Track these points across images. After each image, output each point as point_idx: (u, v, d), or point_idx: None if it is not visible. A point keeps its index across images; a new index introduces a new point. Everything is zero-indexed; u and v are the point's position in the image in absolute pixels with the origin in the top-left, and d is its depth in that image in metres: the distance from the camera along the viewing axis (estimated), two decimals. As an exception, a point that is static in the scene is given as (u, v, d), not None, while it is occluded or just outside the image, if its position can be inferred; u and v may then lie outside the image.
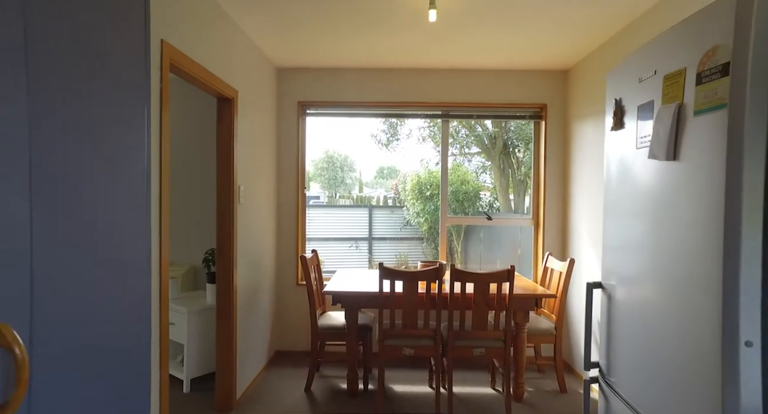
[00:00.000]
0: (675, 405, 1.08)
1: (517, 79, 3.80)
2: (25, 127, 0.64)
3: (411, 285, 2.78)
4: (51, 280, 0.69)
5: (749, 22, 0.88)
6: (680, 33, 1.08)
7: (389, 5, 2.53)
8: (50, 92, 0.70)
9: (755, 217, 0.89)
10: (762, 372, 0.88)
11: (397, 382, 3.30)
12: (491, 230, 5.34)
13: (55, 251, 0.70)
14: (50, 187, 0.70)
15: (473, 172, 5.91)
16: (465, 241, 5.90)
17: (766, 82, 0.88)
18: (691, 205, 1.03)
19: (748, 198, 0.89)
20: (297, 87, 3.86)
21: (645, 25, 2.57)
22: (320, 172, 6.16)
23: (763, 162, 0.89)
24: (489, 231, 5.44)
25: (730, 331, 0.90)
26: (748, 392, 0.89)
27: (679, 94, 1.08)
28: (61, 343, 0.71)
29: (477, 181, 5.81)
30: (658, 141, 1.13)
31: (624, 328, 1.36)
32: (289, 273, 3.91)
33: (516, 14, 2.64)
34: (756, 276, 0.89)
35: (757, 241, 0.89)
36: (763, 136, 0.88)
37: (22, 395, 0.60)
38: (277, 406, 2.90)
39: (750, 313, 0.89)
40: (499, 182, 5.69)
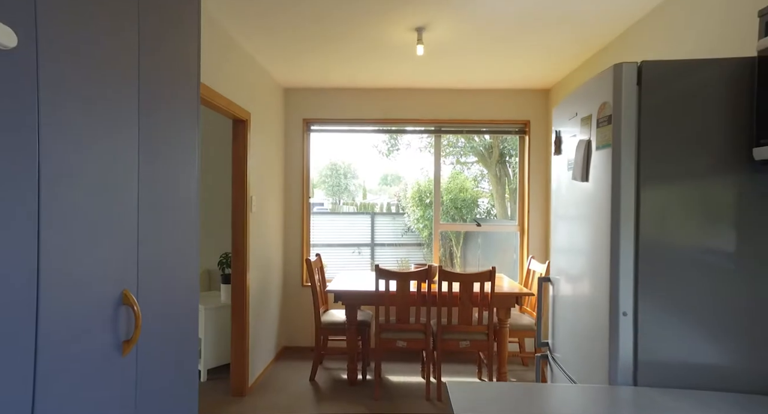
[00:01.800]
0: (586, 363, 1.44)
1: (502, 97, 4.18)
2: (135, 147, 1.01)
3: (404, 284, 3.14)
4: (147, 263, 1.06)
5: (620, 88, 1.24)
6: (589, 88, 1.45)
7: (381, 37, 2.92)
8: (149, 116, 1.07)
9: (629, 225, 1.25)
10: (633, 332, 1.24)
11: (393, 373, 3.65)
12: (488, 236, 5.67)
13: (149, 242, 1.07)
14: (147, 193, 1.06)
15: (473, 179, 6.20)
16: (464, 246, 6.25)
17: (632, 130, 1.24)
18: (595, 215, 1.39)
19: (625, 210, 1.25)
20: (302, 105, 4.25)
21: (614, 51, 2.94)
22: (324, 180, 6.34)
23: (633, 186, 1.25)
24: (486, 237, 5.78)
25: (613, 306, 1.26)
26: (624, 346, 1.24)
27: (588, 132, 1.44)
28: (153, 304, 1.08)
29: (477, 188, 6.12)
30: (576, 166, 1.50)
31: (562, 312, 1.72)
32: (295, 275, 4.28)
33: (497, 44, 3.02)
34: (629, 267, 1.25)
35: (630, 241, 1.25)
36: (633, 166, 1.25)
37: (138, 335, 0.97)
38: (285, 393, 3.25)
39: (626, 292, 1.25)
40: (496, 190, 6.01)
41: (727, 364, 1.21)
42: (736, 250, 1.21)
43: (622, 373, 1.24)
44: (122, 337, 0.97)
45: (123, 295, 0.97)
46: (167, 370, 1.16)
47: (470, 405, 1.04)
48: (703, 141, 1.22)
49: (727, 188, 1.20)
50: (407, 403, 3.10)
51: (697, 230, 1.22)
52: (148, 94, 1.07)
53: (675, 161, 1.23)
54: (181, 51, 1.24)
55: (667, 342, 1.23)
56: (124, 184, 0.98)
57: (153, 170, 1.10)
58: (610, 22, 2.62)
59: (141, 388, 1.05)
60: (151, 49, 1.09)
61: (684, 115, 1.23)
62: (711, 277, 1.22)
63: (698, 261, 1.23)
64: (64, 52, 0.79)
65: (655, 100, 1.24)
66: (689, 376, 1.22)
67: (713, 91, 1.21)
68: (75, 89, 0.83)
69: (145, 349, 1.06)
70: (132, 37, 1.01)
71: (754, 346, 1.21)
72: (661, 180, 1.24)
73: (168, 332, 1.16)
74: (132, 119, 1.01)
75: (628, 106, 1.24)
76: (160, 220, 1.13)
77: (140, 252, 1.04)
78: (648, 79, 1.24)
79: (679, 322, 1.23)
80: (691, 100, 1.22)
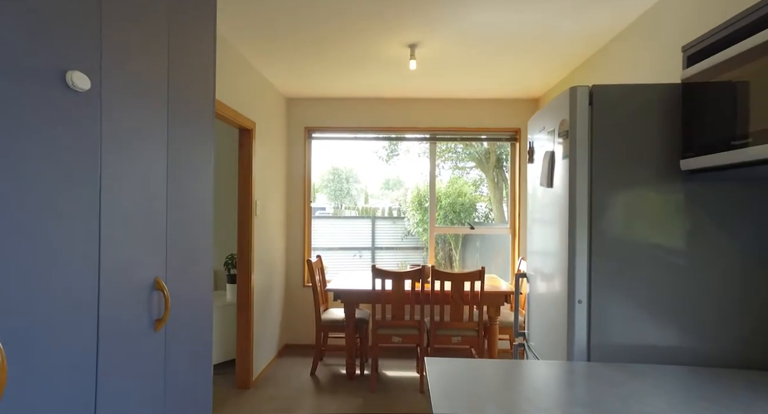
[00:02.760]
0: (551, 346, 1.64)
1: (494, 106, 4.40)
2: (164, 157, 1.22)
3: (399, 283, 3.35)
4: (173, 255, 1.27)
5: (575, 107, 1.46)
6: (553, 106, 1.66)
7: (377, 53, 3.14)
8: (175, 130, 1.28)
9: (583, 225, 1.46)
10: (586, 317, 1.44)
11: (389, 368, 3.85)
12: (486, 239, 5.86)
13: (175, 238, 1.28)
14: (173, 195, 1.27)
15: (472, 184, 6.37)
16: (463, 249, 6.45)
17: (585, 143, 1.45)
18: (559, 218, 1.60)
19: (581, 213, 1.46)
20: (304, 114, 4.48)
21: (595, 64, 3.16)
22: (326, 184, 6.45)
23: (587, 192, 1.46)
24: (483, 240, 5.98)
25: (571, 294, 1.47)
26: (579, 329, 1.44)
27: (552, 144, 1.66)
28: (177, 291, 1.29)
29: (476, 192, 6.30)
30: (543, 174, 1.71)
31: (536, 305, 1.92)
32: (297, 276, 4.49)
33: (485, 59, 3.24)
34: (584, 260, 1.46)
35: (585, 238, 1.46)
36: (586, 175, 1.46)
37: (167, 315, 1.18)
38: (287, 386, 3.46)
39: (581, 283, 1.45)
40: (493, 194, 6.20)
41: (665, 343, 1.42)
42: (671, 245, 1.42)
43: (577, 352, 1.45)
44: (155, 317, 1.18)
45: (155, 281, 1.19)
46: (188, 348, 1.37)
47: (442, 375, 1.25)
48: (643, 153, 1.43)
49: (662, 194, 1.41)
50: (402, 396, 3.30)
51: (639, 229, 1.43)
52: (174, 111, 1.29)
53: (621, 171, 1.44)
54: (200, 72, 1.46)
55: (614, 324, 1.43)
56: (156, 187, 1.20)
57: (177, 176, 1.31)
58: (586, 41, 2.84)
59: (168, 361, 1.26)
60: (177, 74, 1.31)
61: (628, 131, 1.44)
62: (651, 268, 1.43)
63: (641, 255, 1.43)
64: (117, 88, 1.01)
65: (603, 119, 1.45)
66: (633, 354, 1.43)
67: (651, 111, 1.42)
68: (125, 114, 1.04)
69: (171, 328, 1.27)
70: (163, 69, 1.23)
71: (688, 327, 1.41)
72: (610, 187, 1.45)
73: (189, 315, 1.37)
74: (162, 133, 1.23)
75: (582, 123, 1.46)
76: (183, 219, 1.34)
77: (168, 245, 1.25)
78: (598, 100, 1.45)
79: (624, 307, 1.43)
80: (633, 118, 1.43)
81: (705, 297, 1.41)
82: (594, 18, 2.52)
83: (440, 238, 6.34)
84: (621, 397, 1.11)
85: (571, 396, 1.12)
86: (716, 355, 1.40)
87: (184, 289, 1.34)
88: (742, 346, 1.39)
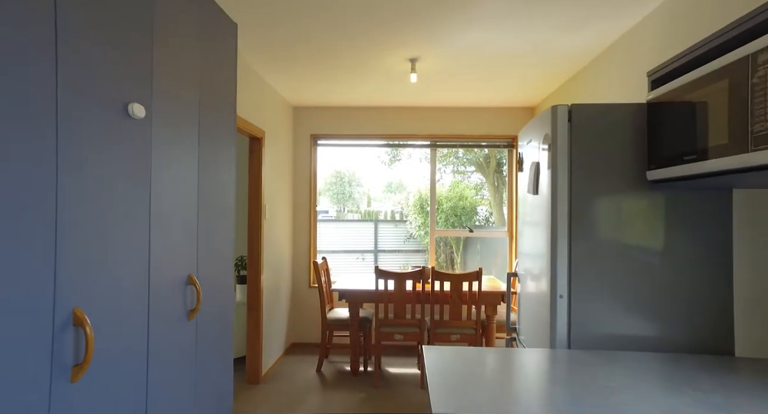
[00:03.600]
0: (537, 337, 1.82)
1: (491, 114, 4.59)
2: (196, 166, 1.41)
3: (401, 284, 3.53)
4: (203, 255, 1.46)
5: (556, 124, 1.64)
6: (537, 121, 1.85)
7: (379, 65, 3.34)
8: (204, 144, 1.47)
9: (564, 228, 1.64)
10: (567, 310, 1.63)
11: (391, 365, 4.03)
12: (486, 242, 6.02)
13: (204, 239, 1.47)
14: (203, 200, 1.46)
15: (474, 188, 6.51)
16: (464, 252, 6.62)
17: (565, 156, 1.64)
18: (544, 221, 1.78)
19: (561, 217, 1.65)
20: (310, 122, 4.68)
21: (586, 77, 3.35)
22: (329, 187, 6.53)
23: (567, 199, 1.64)
24: (484, 243, 6.14)
25: (553, 290, 1.65)
26: (560, 322, 1.63)
27: (537, 156, 1.84)
28: (207, 285, 1.48)
29: (477, 196, 6.44)
30: (529, 182, 1.90)
31: (525, 301, 2.10)
32: (303, 277, 4.68)
33: (481, 72, 3.43)
34: (565, 260, 1.64)
35: (565, 239, 1.64)
36: (566, 184, 1.64)
37: (200, 307, 1.37)
38: (294, 381, 3.64)
39: (562, 280, 1.64)
40: (494, 198, 6.36)
41: (634, 333, 1.60)
42: (641, 245, 1.60)
43: (559, 341, 1.63)
44: (189, 308, 1.37)
45: (189, 277, 1.37)
46: (214, 337, 1.56)
47: (438, 360, 1.43)
48: (616, 165, 1.62)
49: (632, 201, 1.60)
50: (404, 391, 3.48)
51: (612, 231, 1.61)
52: (203, 129, 1.48)
53: (597, 180, 1.63)
54: (224, 95, 1.65)
55: (591, 316, 1.61)
56: (189, 196, 1.39)
57: (206, 185, 1.50)
58: (573, 57, 3.03)
59: (198, 348, 1.45)
60: (206, 98, 1.50)
61: (602, 145, 1.62)
62: (623, 267, 1.61)
63: (615, 254, 1.62)
64: (162, 114, 1.21)
65: (581, 134, 1.64)
66: (607, 342, 1.61)
67: (622, 128, 1.61)
68: (169, 133, 1.24)
69: (201, 318, 1.46)
70: (196, 95, 1.42)
71: (654, 318, 1.59)
72: (587, 194, 1.63)
73: (214, 308, 1.56)
74: (195, 146, 1.42)
75: (562, 138, 1.64)
76: (210, 223, 1.53)
77: (198, 247, 1.44)
78: (576, 118, 1.64)
79: (600, 301, 1.61)
80: (607, 134, 1.62)
81: (668, 292, 1.59)
82: (579, 38, 2.71)
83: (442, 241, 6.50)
84: (591, 375, 1.29)
85: (549, 375, 1.30)
86: (677, 342, 1.58)
87: (210, 285, 1.53)
88: (698, 334, 1.57)
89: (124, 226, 1.04)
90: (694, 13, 1.96)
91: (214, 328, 1.55)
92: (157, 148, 1.18)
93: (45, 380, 0.81)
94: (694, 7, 1.97)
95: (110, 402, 0.99)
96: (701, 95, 1.23)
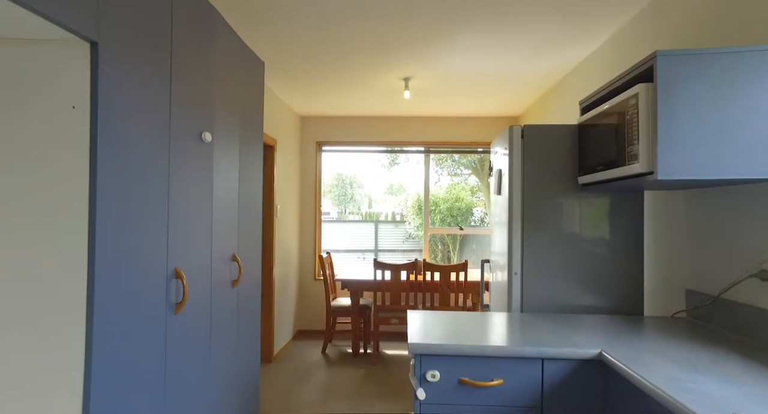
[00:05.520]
0: (499, 307, 2.30)
1: (479, 123, 5.07)
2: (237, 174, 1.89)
3: (396, 274, 4.01)
4: (242, 239, 1.94)
5: (513, 140, 2.13)
6: (500, 137, 2.32)
7: (378, 83, 3.83)
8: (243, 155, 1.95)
9: (518, 221, 2.12)
10: (520, 284, 2.10)
11: (388, 348, 4.51)
12: (480, 240, 6.48)
13: (242, 227, 1.95)
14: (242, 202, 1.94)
15: (470, 189, 6.92)
16: (460, 250, 7.09)
17: (519, 165, 2.12)
18: (505, 216, 2.25)
19: (516, 213, 2.12)
20: (315, 130, 5.17)
21: (560, 91, 3.83)
22: (330, 189, 6.86)
23: (520, 199, 2.12)
24: (478, 241, 6.61)
25: (510, 269, 2.13)
26: (515, 293, 2.10)
27: (500, 164, 2.32)
28: (244, 259, 1.95)
29: (473, 198, 6.86)
30: (494, 185, 2.38)
31: (494, 281, 2.58)
32: (309, 271, 5.16)
33: (466, 87, 3.92)
34: (518, 246, 2.12)
35: (519, 230, 2.12)
36: (520, 188, 2.12)
37: (240, 278, 1.85)
38: (302, 361, 4.11)
39: (516, 260, 2.11)
40: (488, 199, 6.82)
41: (571, 301, 2.07)
42: (576, 233, 2.08)
43: (514, 307, 2.11)
44: (233, 278, 1.85)
45: (233, 255, 1.86)
46: (249, 305, 2.04)
47: (418, 318, 1.90)
48: (557, 172, 2.09)
49: (569, 200, 2.08)
50: (399, 368, 3.95)
51: (555, 223, 2.09)
52: (242, 144, 1.97)
53: (544, 184, 2.11)
54: (256, 116, 2.14)
55: (538, 288, 2.09)
56: (233, 194, 1.87)
57: (243, 187, 1.99)
58: (544, 78, 3.52)
59: (239, 311, 1.92)
60: (245, 119, 1.98)
61: (548, 157, 2.10)
62: (563, 250, 2.08)
63: (556, 241, 2.09)
64: (220, 137, 1.69)
65: (532, 148, 2.12)
66: (550, 307, 2.08)
67: (563, 143, 2.09)
68: (223, 152, 1.72)
69: (241, 288, 1.94)
70: (238, 119, 1.91)
71: (586, 289, 2.07)
72: (536, 194, 2.11)
73: (249, 281, 2.05)
74: (236, 160, 1.90)
75: (517, 151, 2.13)
76: (246, 215, 2.02)
77: (239, 233, 1.92)
78: (527, 135, 2.12)
79: (545, 276, 2.09)
80: (552, 148, 2.10)
81: (596, 268, 2.07)
82: (544, 64, 3.20)
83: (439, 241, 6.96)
84: (530, 324, 1.76)
85: (499, 326, 1.78)
86: (602, 307, 2.06)
87: (246, 262, 2.01)
88: (617, 301, 2.05)
89: (199, 216, 1.53)
90: (630, 51, 2.45)
91: (249, 295, 2.04)
92: (216, 163, 1.66)
93: (161, 314, 1.29)
94: (630, 47, 2.45)
95: (194, 328, 1.47)
96: (606, 123, 1.71)
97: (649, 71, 1.45)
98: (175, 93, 1.36)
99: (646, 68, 1.45)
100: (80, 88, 1.00)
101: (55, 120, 1.01)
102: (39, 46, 1.00)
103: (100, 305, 1.02)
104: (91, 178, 1.01)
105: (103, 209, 1.03)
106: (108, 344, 1.05)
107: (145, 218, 1.21)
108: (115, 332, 1.08)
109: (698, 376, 1.18)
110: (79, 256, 1.00)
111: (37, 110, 1.01)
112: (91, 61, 1.01)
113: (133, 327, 1.15)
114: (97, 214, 1.01)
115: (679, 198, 1.98)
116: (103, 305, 1.04)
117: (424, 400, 1.49)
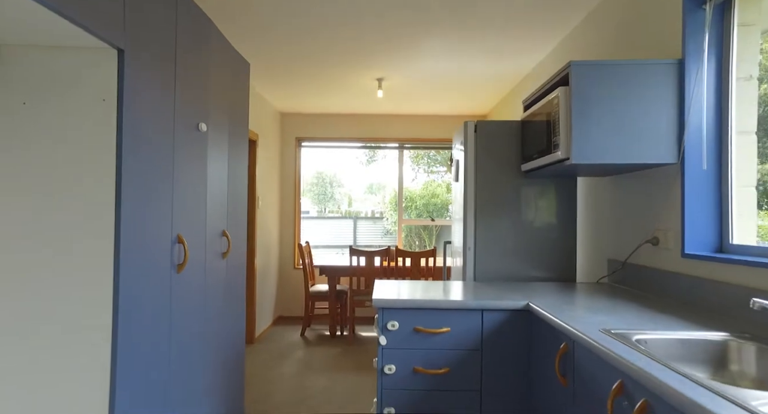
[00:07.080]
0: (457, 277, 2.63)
1: (449, 121, 5.42)
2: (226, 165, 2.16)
3: (370, 260, 4.32)
4: (230, 219, 2.21)
5: (467, 134, 2.46)
6: (459, 132, 2.66)
7: (353, 82, 4.13)
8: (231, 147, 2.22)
9: (471, 206, 2.46)
10: (473, 257, 2.44)
11: (362, 331, 4.82)
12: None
13: (231, 209, 2.22)
14: (231, 188, 2.22)
15: (447, 185, 7.23)
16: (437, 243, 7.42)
17: (472, 156, 2.45)
18: (461, 200, 2.58)
19: (469, 198, 2.46)
20: (295, 126, 5.43)
21: (519, 92, 4.20)
22: (310, 188, 6.93)
23: (473, 184, 2.46)
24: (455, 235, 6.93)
25: (465, 245, 2.46)
26: (469, 265, 2.44)
27: (459, 155, 2.65)
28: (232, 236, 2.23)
29: (448, 194, 7.17)
30: (454, 173, 2.71)
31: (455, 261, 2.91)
32: (289, 259, 5.42)
33: (436, 87, 4.25)
34: (471, 225, 2.45)
35: (472, 211, 2.45)
36: (473, 175, 2.45)
37: (230, 250, 2.13)
38: (282, 342, 4.39)
39: (470, 238, 2.45)
40: (456, 190, 7.12)
41: (516, 271, 2.42)
42: (520, 213, 2.43)
43: (468, 277, 2.44)
44: (222, 250, 2.13)
45: (223, 232, 2.13)
46: (236, 273, 2.32)
47: (384, 285, 2.22)
48: (504, 161, 2.44)
49: (514, 185, 2.42)
50: (373, 348, 4.26)
51: (503, 204, 2.43)
52: (231, 135, 2.25)
53: (493, 171, 2.44)
54: (242, 114, 2.41)
55: (489, 261, 2.43)
56: (223, 180, 2.15)
57: (232, 172, 2.26)
58: (504, 79, 3.88)
59: (228, 279, 2.20)
60: (233, 115, 2.26)
61: (497, 148, 2.44)
62: (509, 227, 2.43)
63: (504, 220, 2.44)
64: (212, 129, 1.97)
65: (483, 141, 2.45)
66: (498, 276, 2.43)
67: (510, 136, 2.43)
68: (215, 141, 2.00)
69: (230, 260, 2.22)
70: (227, 115, 2.18)
71: (528, 260, 2.42)
72: (487, 180, 2.45)
73: (235, 254, 2.33)
74: (226, 148, 2.18)
75: (470, 144, 2.46)
76: (234, 199, 2.30)
77: (228, 213, 2.20)
78: (480, 130, 2.45)
79: (494, 251, 2.43)
80: (500, 140, 2.44)
81: (537, 243, 2.42)
82: (506, 68, 3.57)
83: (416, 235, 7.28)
84: (477, 288, 2.10)
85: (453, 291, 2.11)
86: (541, 275, 2.42)
87: (233, 238, 2.29)
88: (554, 270, 2.41)
89: (196, 194, 1.81)
90: (572, 56, 2.82)
91: (236, 267, 2.32)
92: (210, 150, 1.94)
93: (167, 271, 1.57)
94: (572, 54, 2.82)
95: (193, 286, 1.76)
96: (539, 119, 2.06)
97: (566, 78, 1.79)
98: (178, 90, 1.64)
99: (564, 75, 1.80)
100: (109, 85, 1.28)
101: (89, 110, 1.28)
102: (79, 52, 1.27)
103: (125, 261, 1.30)
104: (117, 157, 1.29)
105: (127, 183, 1.31)
106: (129, 293, 1.33)
107: (156, 191, 1.49)
108: (135, 285, 1.36)
109: (594, 315, 1.52)
110: (107, 220, 1.28)
111: (76, 102, 1.28)
112: (118, 64, 1.28)
113: (147, 281, 1.43)
114: (123, 188, 1.29)
115: (604, 183, 2.35)
116: (126, 262, 1.31)
117: (386, 346, 1.80)
